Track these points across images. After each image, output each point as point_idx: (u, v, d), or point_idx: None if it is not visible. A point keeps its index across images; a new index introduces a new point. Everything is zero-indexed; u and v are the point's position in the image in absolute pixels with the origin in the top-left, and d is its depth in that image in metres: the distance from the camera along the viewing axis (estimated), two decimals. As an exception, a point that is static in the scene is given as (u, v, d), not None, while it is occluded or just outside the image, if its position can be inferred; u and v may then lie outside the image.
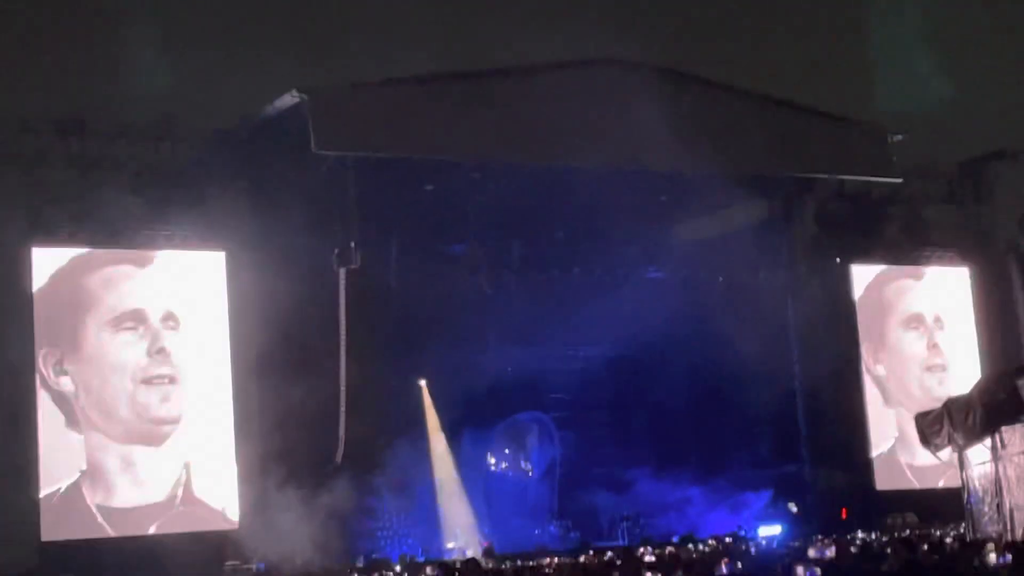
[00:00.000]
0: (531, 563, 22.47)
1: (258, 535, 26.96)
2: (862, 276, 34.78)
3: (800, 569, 7.69)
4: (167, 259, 28.20)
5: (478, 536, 30.70)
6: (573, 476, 32.96)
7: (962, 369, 34.18)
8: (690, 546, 25.07)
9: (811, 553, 7.01)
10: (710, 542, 27.01)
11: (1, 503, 25.26)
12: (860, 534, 24.59)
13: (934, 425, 18.90)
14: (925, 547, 13.09)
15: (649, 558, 16.68)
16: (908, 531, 25.31)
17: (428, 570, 22.82)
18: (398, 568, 25.38)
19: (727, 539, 27.69)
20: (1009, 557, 11.95)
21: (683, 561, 14.83)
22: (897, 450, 33.62)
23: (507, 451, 33.80)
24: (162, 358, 27.59)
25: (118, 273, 27.68)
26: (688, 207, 30.60)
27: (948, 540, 17.11)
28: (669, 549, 23.82)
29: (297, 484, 26.85)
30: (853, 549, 14.25)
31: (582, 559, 22.36)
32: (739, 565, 8.68)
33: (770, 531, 30.43)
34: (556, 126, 27.39)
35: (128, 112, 26.31)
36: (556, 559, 23.67)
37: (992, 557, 12.43)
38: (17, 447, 25.88)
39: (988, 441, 18.81)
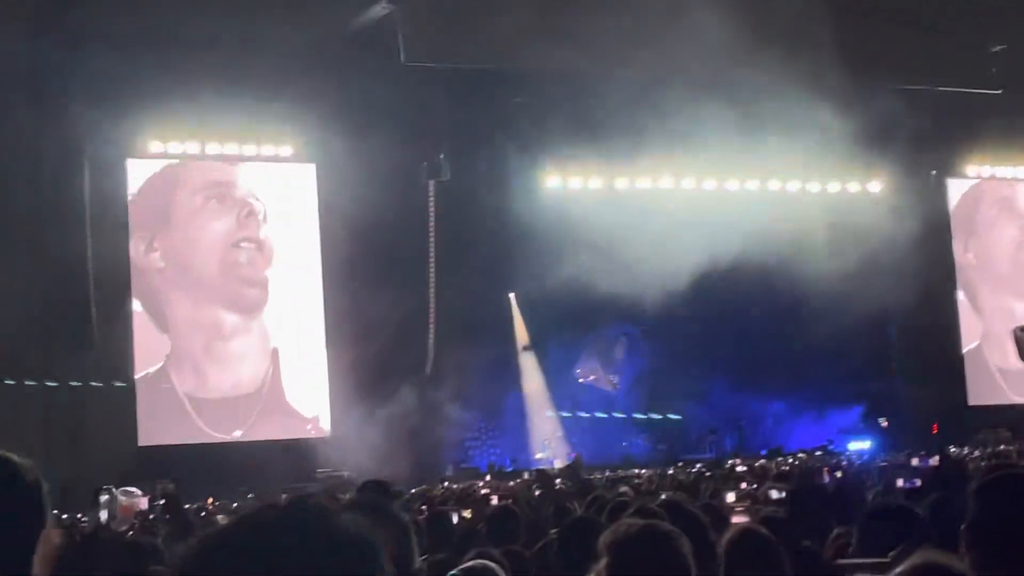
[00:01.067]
0: (621, 473, 22.55)
1: (348, 444, 27.37)
2: (958, 189, 34.19)
3: (900, 480, 7.60)
4: (258, 171, 28.48)
5: (566, 447, 30.88)
6: (660, 389, 32.90)
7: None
8: (779, 460, 24.95)
9: (914, 463, 6.93)
10: (800, 455, 26.92)
11: (100, 401, 25.79)
12: (952, 449, 24.31)
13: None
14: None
15: (740, 468, 16.58)
16: (1002, 446, 24.95)
17: (526, 475, 23.03)
18: (487, 478, 25.59)
19: (817, 453, 27.60)
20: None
21: (775, 473, 14.78)
22: (987, 356, 33.29)
23: (595, 363, 33.82)
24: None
25: (210, 179, 28.12)
26: (782, 119, 30.05)
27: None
28: (760, 462, 23.77)
29: (386, 394, 27.17)
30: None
31: (671, 471, 22.34)
32: (839, 475, 8.58)
33: (860, 446, 30.25)
34: (650, 38, 26.98)
35: (218, 24, 26.30)
36: (646, 471, 23.69)
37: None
38: (113, 343, 26.47)
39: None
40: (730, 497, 8.72)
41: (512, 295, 31.70)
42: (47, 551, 2.66)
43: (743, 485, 11.26)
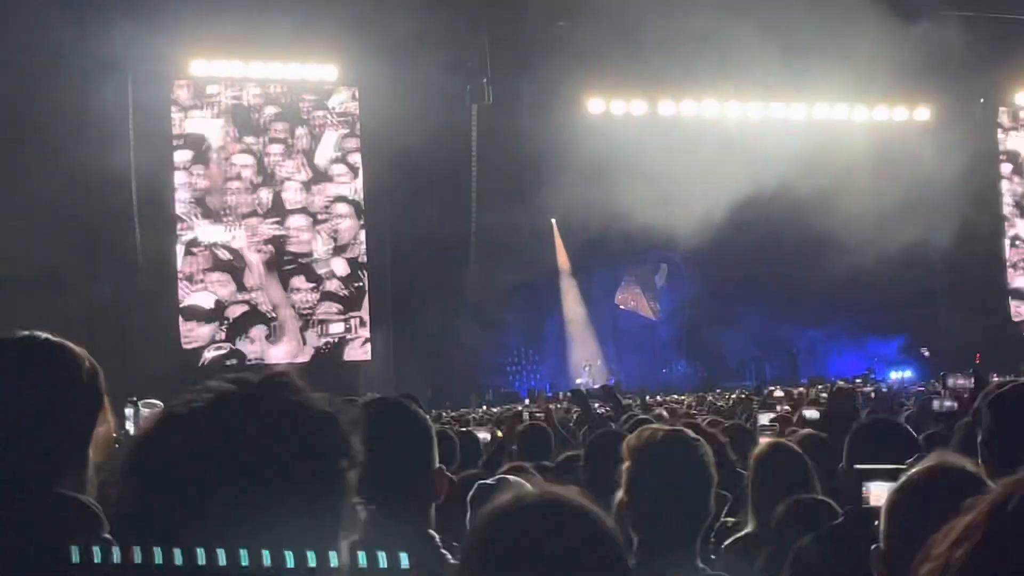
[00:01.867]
0: (660, 398, 22.61)
1: (391, 367, 27.58)
2: (1007, 116, 33.76)
3: (936, 402, 7.58)
4: (304, 91, 28.53)
5: (606, 373, 30.98)
6: (702, 316, 32.88)
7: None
8: (819, 387, 24.89)
9: (950, 382, 6.91)
10: (840, 383, 26.83)
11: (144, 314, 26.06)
12: (995, 378, 24.18)
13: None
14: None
15: (779, 394, 16.56)
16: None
17: (561, 395, 23.14)
18: (527, 401, 25.72)
19: (857, 380, 27.50)
20: None
21: (812, 399, 14.77)
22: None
23: (636, 290, 33.82)
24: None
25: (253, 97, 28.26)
26: (829, 44, 29.64)
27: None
28: (799, 389, 23.73)
29: (428, 319, 27.31)
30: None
31: (709, 397, 22.37)
32: (872, 395, 8.56)
33: (901, 375, 30.16)
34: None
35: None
36: (686, 396, 23.76)
37: None
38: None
39: None
40: (764, 419, 8.73)
41: (553, 220, 31.66)
42: (102, 434, 2.72)
43: (779, 409, 11.27)
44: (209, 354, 27.24)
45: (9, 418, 2.56)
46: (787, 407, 11.84)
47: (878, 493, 3.11)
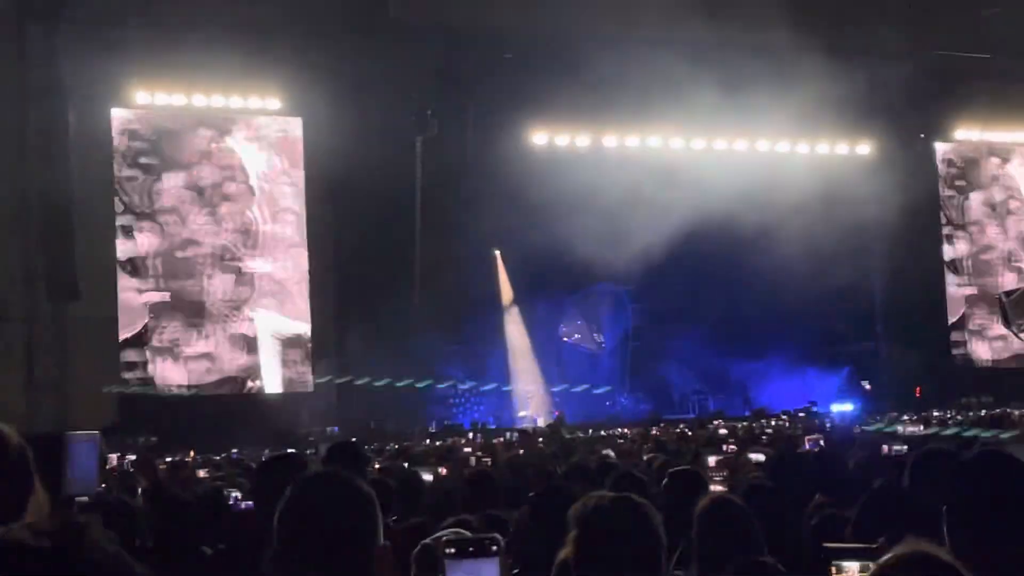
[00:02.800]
0: (603, 432, 22.57)
1: (332, 400, 27.37)
2: (946, 152, 34.17)
3: (885, 447, 7.57)
4: (244, 124, 28.32)
5: (549, 405, 30.93)
6: (645, 349, 32.95)
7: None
8: (763, 421, 25.02)
9: (899, 430, 6.84)
10: (783, 417, 26.99)
11: (85, 357, 25.69)
12: (936, 412, 24.39)
13: (1019, 305, 18.43)
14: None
15: (722, 431, 16.55)
16: (984, 411, 25.00)
17: (508, 434, 23.04)
18: (471, 435, 25.60)
19: (800, 415, 27.66)
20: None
21: (759, 436, 14.81)
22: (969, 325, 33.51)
23: (580, 322, 33.84)
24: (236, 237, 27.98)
25: (197, 137, 27.92)
26: (771, 79, 29.91)
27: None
28: (742, 424, 23.82)
29: (371, 351, 27.10)
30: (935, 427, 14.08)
31: (654, 431, 22.34)
32: (821, 443, 8.56)
33: (843, 408, 30.34)
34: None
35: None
36: (628, 429, 23.74)
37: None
38: (100, 304, 26.37)
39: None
40: (711, 461, 8.69)
41: (497, 252, 31.63)
42: (36, 516, 2.65)
43: (725, 448, 11.25)
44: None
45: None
46: (732, 446, 11.81)
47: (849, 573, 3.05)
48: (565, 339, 33.56)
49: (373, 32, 26.66)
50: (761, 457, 9.81)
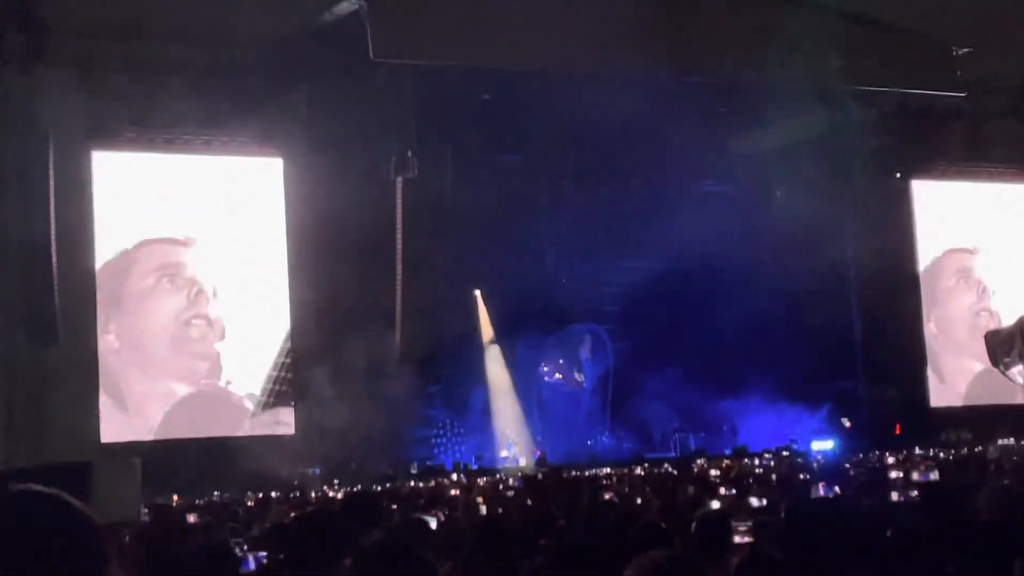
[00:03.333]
0: (586, 473, 22.55)
1: (313, 441, 27.23)
2: (922, 191, 34.44)
3: (895, 493, 7.56)
4: (224, 165, 28.28)
5: (531, 445, 30.88)
6: (626, 388, 32.98)
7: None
8: (745, 460, 25.03)
9: (914, 476, 6.82)
10: (766, 455, 27.03)
11: (61, 403, 25.48)
12: (918, 450, 24.51)
13: (1005, 344, 18.56)
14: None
15: (714, 472, 16.50)
16: (964, 449, 25.14)
17: (499, 475, 22.91)
18: (454, 476, 25.53)
19: (784, 453, 27.72)
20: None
21: (752, 475, 14.81)
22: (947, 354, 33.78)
23: (561, 362, 33.85)
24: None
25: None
26: (747, 119, 30.18)
27: None
28: (726, 462, 23.84)
29: (352, 392, 26.99)
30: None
31: (639, 470, 22.35)
32: (836, 490, 8.53)
33: (823, 446, 30.43)
34: (614, 35, 26.99)
35: (185, 16, 26.08)
36: (611, 469, 23.72)
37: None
38: (79, 347, 26.21)
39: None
40: (714, 505, 8.69)
41: (478, 292, 31.65)
42: None
43: (721, 491, 11.24)
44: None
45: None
46: (727, 489, 11.79)
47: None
48: (546, 378, 33.55)
49: (353, 74, 26.71)
50: (760, 502, 9.81)
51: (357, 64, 26.41)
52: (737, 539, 6.06)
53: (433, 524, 9.41)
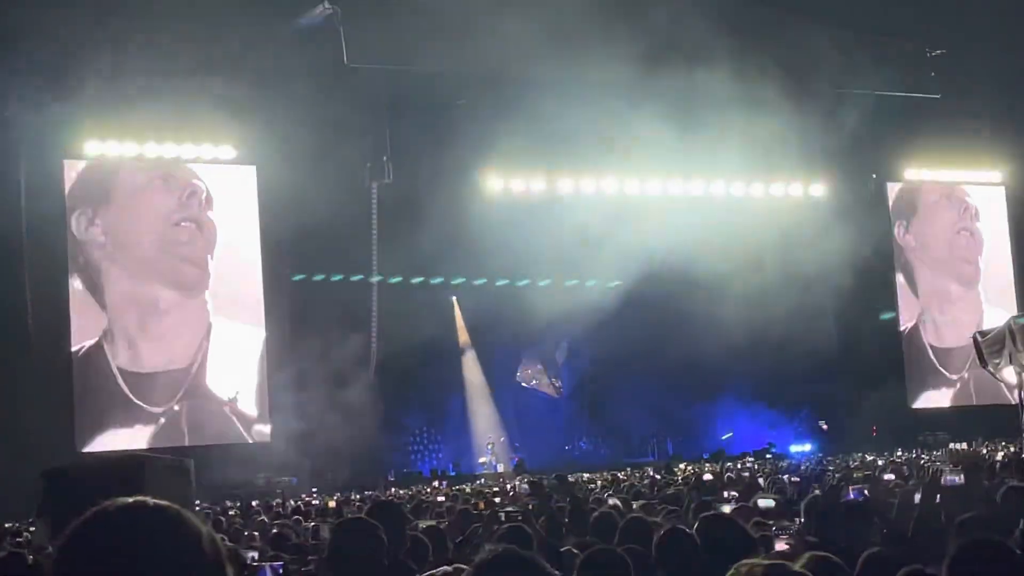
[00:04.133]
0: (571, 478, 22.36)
1: (289, 449, 26.99)
2: (898, 191, 34.58)
3: (917, 496, 7.45)
4: (199, 173, 28.03)
5: (509, 451, 30.73)
6: (602, 393, 32.86)
7: (997, 281, 34.46)
8: (729, 464, 24.94)
9: (943, 481, 6.69)
10: (748, 459, 26.98)
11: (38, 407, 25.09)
12: (900, 451, 24.52)
13: (995, 344, 18.43)
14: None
15: (707, 476, 16.29)
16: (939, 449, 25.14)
17: (479, 481, 22.73)
18: (434, 483, 25.37)
19: (768, 456, 27.70)
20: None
21: (747, 482, 14.71)
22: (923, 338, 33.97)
23: (538, 367, 33.71)
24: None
25: (149, 188, 27.57)
26: (724, 123, 30.09)
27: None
28: (708, 465, 23.76)
29: (328, 398, 26.80)
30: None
31: (622, 475, 22.23)
32: (866, 492, 8.42)
33: (801, 448, 30.43)
34: (589, 43, 26.92)
35: (159, 24, 25.82)
36: (591, 474, 23.58)
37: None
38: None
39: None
40: (726, 508, 8.56)
41: (454, 298, 31.49)
42: None
43: (725, 494, 11.14)
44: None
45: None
46: (733, 492, 11.69)
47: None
48: (523, 384, 33.41)
49: (328, 80, 26.52)
50: (768, 503, 9.72)
51: (332, 70, 26.25)
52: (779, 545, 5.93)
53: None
